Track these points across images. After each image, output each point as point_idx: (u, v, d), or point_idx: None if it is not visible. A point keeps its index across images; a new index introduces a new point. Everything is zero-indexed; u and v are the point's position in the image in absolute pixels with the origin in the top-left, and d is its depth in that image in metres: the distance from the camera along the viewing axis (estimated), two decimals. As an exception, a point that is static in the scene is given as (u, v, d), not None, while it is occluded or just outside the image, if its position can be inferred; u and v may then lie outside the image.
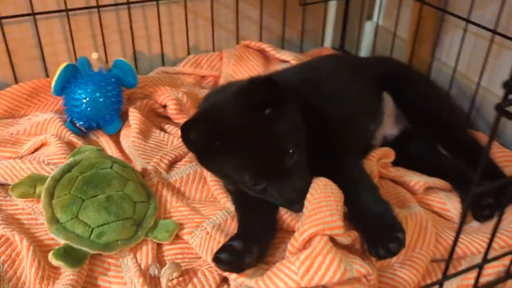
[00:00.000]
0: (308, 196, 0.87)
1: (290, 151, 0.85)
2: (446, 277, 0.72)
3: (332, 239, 0.82)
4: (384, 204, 0.87)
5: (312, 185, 0.89)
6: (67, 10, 1.28)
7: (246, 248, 0.80)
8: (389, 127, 1.15)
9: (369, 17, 1.65)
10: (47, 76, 1.35)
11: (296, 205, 0.87)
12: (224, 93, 0.95)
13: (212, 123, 0.85)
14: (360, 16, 1.63)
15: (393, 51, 1.48)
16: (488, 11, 1.19)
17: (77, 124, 1.14)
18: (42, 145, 1.11)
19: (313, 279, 0.77)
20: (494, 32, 1.13)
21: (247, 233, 0.85)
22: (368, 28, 1.64)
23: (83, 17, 1.36)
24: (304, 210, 0.86)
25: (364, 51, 1.67)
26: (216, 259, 0.80)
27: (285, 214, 0.92)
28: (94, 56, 1.15)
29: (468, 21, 1.18)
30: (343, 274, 0.76)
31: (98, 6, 1.32)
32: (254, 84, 0.85)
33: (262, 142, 0.85)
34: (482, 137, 1.16)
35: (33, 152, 1.10)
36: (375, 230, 0.83)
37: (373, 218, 0.85)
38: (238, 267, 0.80)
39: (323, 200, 0.85)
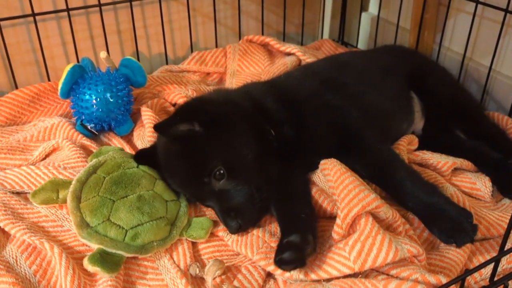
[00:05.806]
0: (329, 178, 0.85)
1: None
2: (503, 252, 0.71)
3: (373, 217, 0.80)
4: (433, 188, 0.88)
5: (322, 166, 0.88)
6: (68, 10, 1.22)
7: (304, 239, 0.76)
8: (418, 122, 1.15)
9: (365, 8, 1.65)
10: (49, 80, 1.29)
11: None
12: None
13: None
14: (359, 8, 1.63)
15: (396, 41, 1.48)
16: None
17: (89, 126, 1.08)
18: (53, 150, 1.05)
19: (366, 262, 0.74)
20: (507, 11, 1.13)
21: (297, 224, 0.80)
22: (365, 19, 1.64)
23: (79, 18, 1.30)
24: (330, 191, 0.84)
25: (363, 43, 1.67)
26: (280, 261, 0.75)
27: (319, 200, 0.89)
28: (102, 55, 1.10)
29: (478, 2, 1.19)
30: (395, 254, 0.74)
31: (100, 5, 1.26)
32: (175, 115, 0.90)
33: (186, 165, 0.86)
34: (498, 118, 1.16)
35: (44, 158, 1.04)
36: (443, 220, 0.84)
37: (435, 209, 0.85)
38: (301, 262, 0.75)
39: (344, 178, 0.83)
